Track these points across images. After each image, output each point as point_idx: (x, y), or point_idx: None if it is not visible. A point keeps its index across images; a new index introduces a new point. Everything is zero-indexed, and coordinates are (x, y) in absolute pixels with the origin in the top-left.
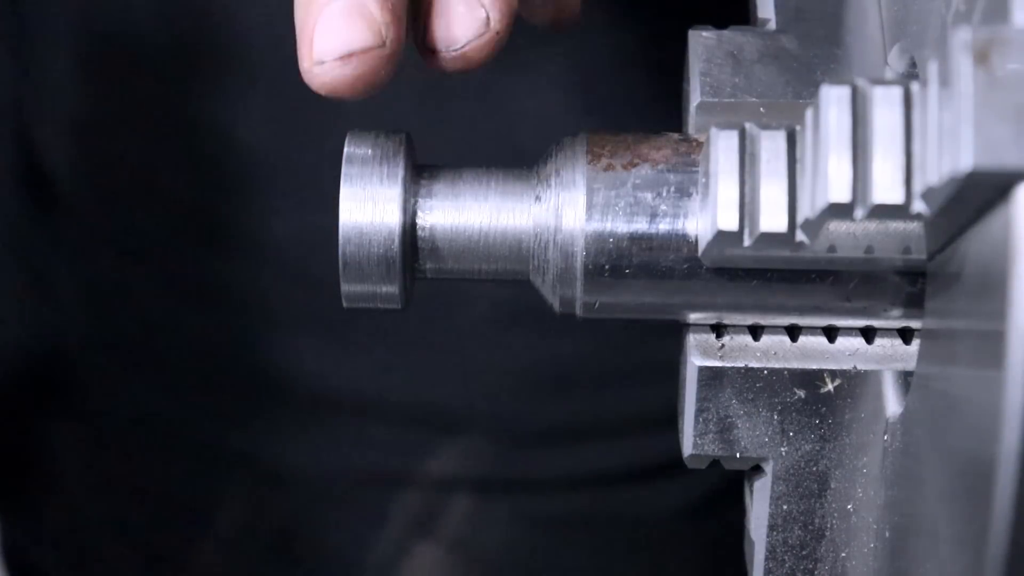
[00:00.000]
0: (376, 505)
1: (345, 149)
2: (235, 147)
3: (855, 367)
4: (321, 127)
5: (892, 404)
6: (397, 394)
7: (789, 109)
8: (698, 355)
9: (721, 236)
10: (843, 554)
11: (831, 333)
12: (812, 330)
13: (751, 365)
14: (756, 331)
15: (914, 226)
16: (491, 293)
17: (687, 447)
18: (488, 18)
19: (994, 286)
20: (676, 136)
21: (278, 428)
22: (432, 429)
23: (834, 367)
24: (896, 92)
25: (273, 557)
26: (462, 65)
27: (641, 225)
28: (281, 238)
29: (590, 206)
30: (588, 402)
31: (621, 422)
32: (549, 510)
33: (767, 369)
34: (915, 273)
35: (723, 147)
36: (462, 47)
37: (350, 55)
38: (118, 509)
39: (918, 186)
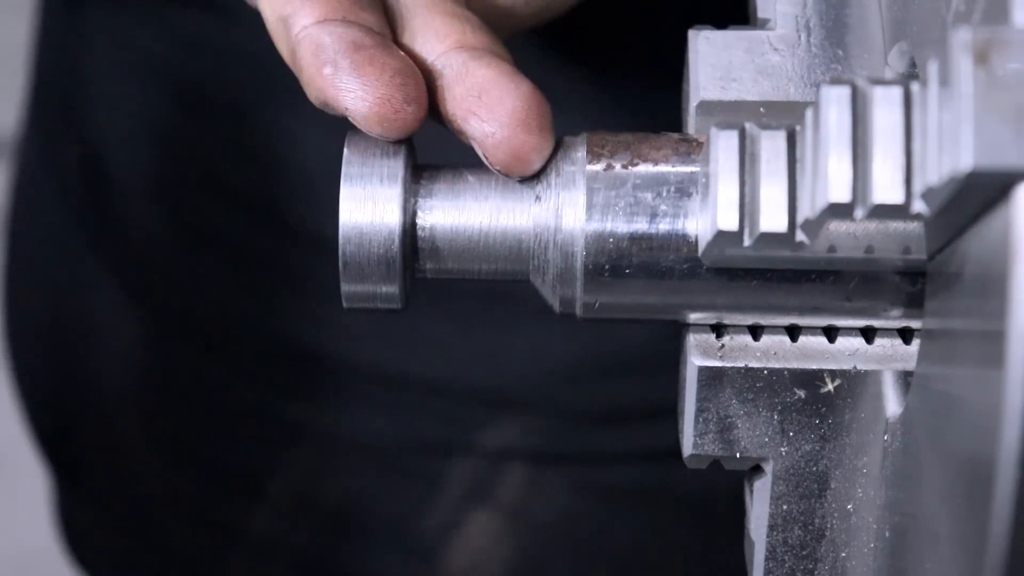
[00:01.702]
0: (432, 474)
1: (345, 149)
2: (291, 142)
3: (855, 367)
4: None
5: (892, 404)
6: (452, 372)
7: (789, 109)
8: (698, 355)
9: (721, 236)
10: (843, 554)
11: (831, 333)
12: (812, 330)
13: (751, 365)
14: (756, 331)
15: (914, 226)
16: None
17: (687, 447)
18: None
19: (994, 286)
20: (676, 136)
21: (332, 400)
22: (489, 405)
23: (834, 367)
24: (896, 92)
25: (329, 525)
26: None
27: (641, 225)
28: (334, 226)
29: (590, 206)
30: (643, 385)
31: (675, 404)
32: (604, 481)
33: (767, 369)
34: (915, 273)
35: (723, 147)
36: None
37: None
38: (174, 478)
39: (918, 186)
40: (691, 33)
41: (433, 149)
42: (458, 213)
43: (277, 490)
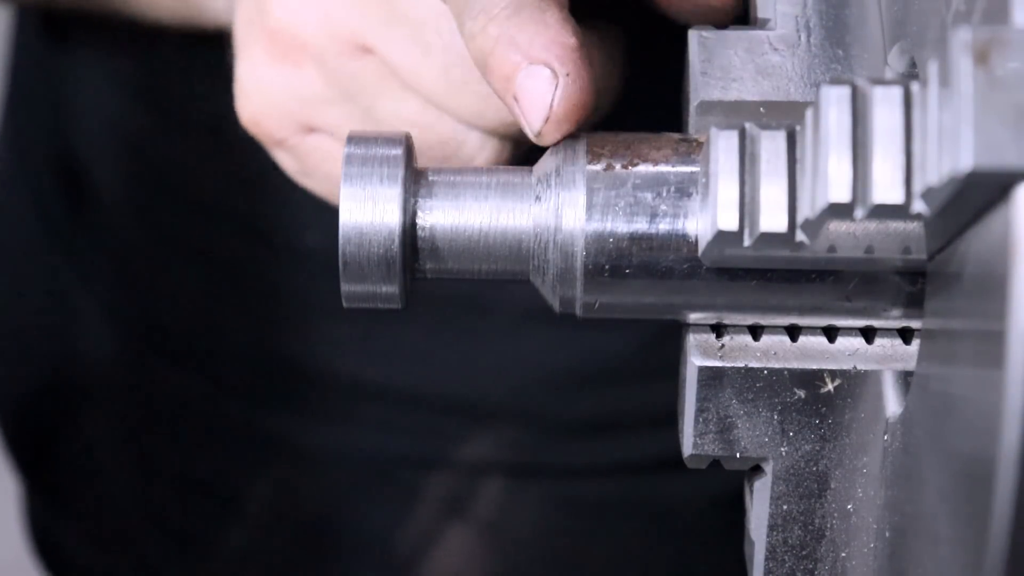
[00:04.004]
0: (407, 488)
1: (345, 149)
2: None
3: (855, 367)
4: None
5: (892, 404)
6: (429, 384)
7: (789, 109)
8: (698, 355)
9: (721, 236)
10: (843, 554)
11: (831, 333)
12: (812, 330)
13: (751, 365)
14: (756, 331)
15: (914, 226)
16: (525, 290)
17: (687, 447)
18: (553, 72)
19: (994, 286)
20: (676, 136)
21: (309, 413)
22: (464, 417)
23: (834, 367)
24: (896, 92)
25: (304, 540)
26: (566, 129)
27: (641, 225)
28: (313, 240)
29: (590, 206)
30: (620, 396)
31: (653, 415)
32: (581, 494)
33: (767, 369)
34: (915, 273)
35: (723, 147)
36: (545, 119)
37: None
38: (148, 491)
39: (918, 186)
40: (691, 33)
41: None
42: (458, 213)
43: (252, 502)
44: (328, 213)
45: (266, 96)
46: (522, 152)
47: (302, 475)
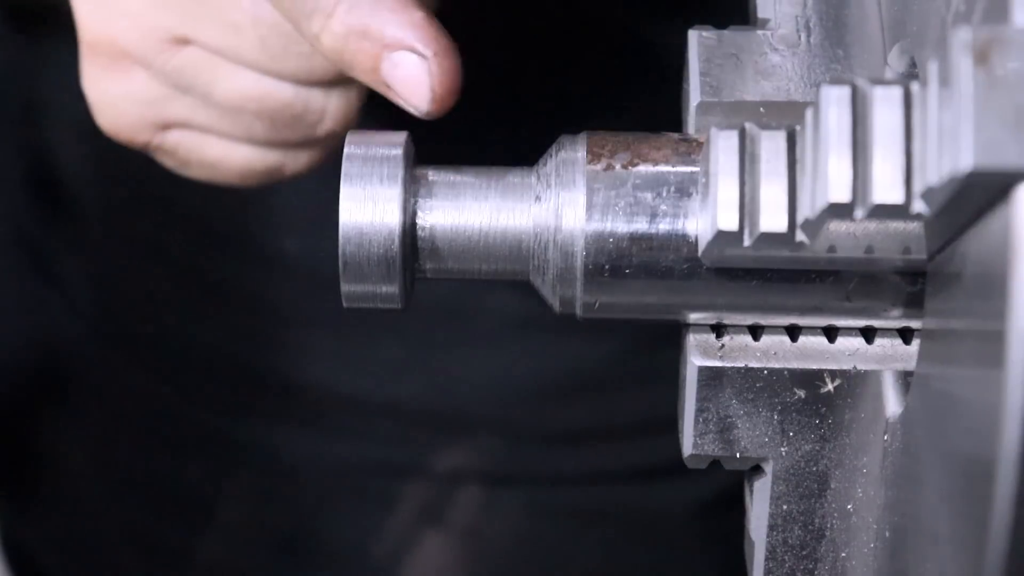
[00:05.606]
0: (384, 496)
1: (345, 148)
2: None
3: (855, 367)
4: None
5: (892, 404)
6: (407, 394)
7: (789, 109)
8: (698, 355)
9: (721, 236)
10: (843, 554)
11: (831, 333)
12: (812, 330)
13: (751, 365)
14: (756, 331)
15: (914, 226)
16: (504, 300)
17: (687, 447)
18: (419, 55)
19: (994, 286)
20: (676, 136)
21: (285, 422)
22: (442, 427)
23: (834, 367)
24: (896, 92)
25: (280, 550)
26: (453, 101)
27: (641, 225)
28: (291, 249)
29: (590, 206)
30: (600, 406)
31: (633, 424)
32: (560, 502)
33: (767, 369)
34: (915, 273)
35: (723, 147)
36: (431, 101)
37: None
38: (123, 502)
39: (918, 186)
40: (691, 33)
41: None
42: (458, 213)
43: (227, 514)
44: (304, 222)
45: (113, 106)
46: (368, 95)
47: (278, 484)
